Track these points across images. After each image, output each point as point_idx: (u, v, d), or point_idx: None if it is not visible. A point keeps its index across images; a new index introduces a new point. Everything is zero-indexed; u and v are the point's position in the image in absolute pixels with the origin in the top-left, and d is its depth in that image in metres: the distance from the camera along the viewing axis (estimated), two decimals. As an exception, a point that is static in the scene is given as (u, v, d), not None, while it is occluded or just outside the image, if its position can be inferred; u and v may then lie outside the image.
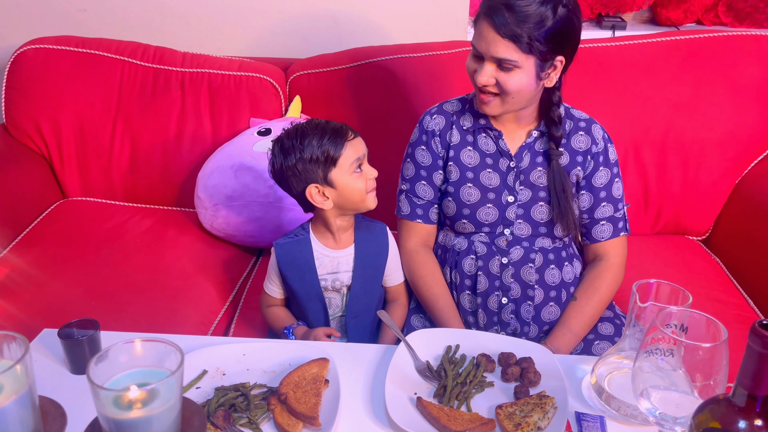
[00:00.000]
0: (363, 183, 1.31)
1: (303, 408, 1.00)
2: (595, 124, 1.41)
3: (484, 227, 1.40)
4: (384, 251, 1.41)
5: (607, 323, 1.42)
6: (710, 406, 0.75)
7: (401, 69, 1.97)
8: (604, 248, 1.43)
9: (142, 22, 2.24)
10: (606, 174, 1.40)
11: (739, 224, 1.87)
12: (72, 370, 1.12)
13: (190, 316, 1.57)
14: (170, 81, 2.03)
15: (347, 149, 1.29)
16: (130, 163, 2.04)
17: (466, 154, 1.41)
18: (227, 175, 1.82)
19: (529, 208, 1.39)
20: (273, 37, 2.26)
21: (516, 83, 1.25)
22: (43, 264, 1.72)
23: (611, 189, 1.41)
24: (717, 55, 1.88)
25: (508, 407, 1.03)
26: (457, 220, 1.42)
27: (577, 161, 1.39)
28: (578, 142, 1.39)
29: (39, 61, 2.03)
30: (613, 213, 1.41)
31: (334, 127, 1.30)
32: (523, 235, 1.40)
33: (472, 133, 1.42)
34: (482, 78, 1.26)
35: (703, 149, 1.88)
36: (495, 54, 1.23)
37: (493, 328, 1.41)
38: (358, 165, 1.30)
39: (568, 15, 1.23)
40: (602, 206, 1.41)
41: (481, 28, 1.24)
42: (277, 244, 1.38)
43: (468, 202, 1.40)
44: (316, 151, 1.28)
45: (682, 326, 0.91)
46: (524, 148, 1.39)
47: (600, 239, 1.43)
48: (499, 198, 1.39)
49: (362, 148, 1.32)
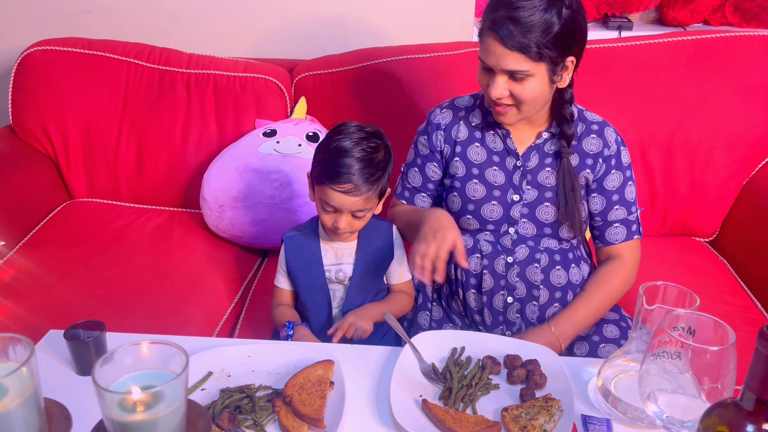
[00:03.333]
0: (328, 221, 1.30)
1: (308, 410, 1.00)
2: (608, 127, 1.40)
3: (489, 224, 1.40)
4: (388, 247, 1.41)
5: (612, 326, 1.41)
6: (718, 410, 0.74)
7: (406, 70, 1.97)
8: (618, 250, 1.43)
9: (148, 24, 2.25)
10: (619, 177, 1.39)
11: (747, 226, 1.86)
12: (78, 372, 1.12)
13: (195, 317, 1.57)
14: (176, 82, 2.04)
15: (328, 190, 1.26)
16: (136, 164, 2.05)
17: (473, 151, 1.41)
18: (233, 176, 1.82)
19: (534, 207, 1.38)
20: (278, 39, 2.26)
21: (530, 92, 1.25)
22: (50, 265, 1.73)
23: (624, 192, 1.40)
24: (724, 56, 1.87)
25: (513, 410, 1.03)
26: (462, 215, 1.42)
27: (587, 164, 1.38)
28: (589, 144, 1.38)
29: (45, 63, 2.04)
30: (627, 216, 1.41)
31: (360, 167, 1.25)
32: (527, 234, 1.39)
33: (480, 130, 1.42)
34: (496, 92, 1.25)
35: (711, 150, 1.87)
36: (505, 67, 1.22)
37: (498, 327, 1.40)
38: (329, 210, 1.29)
39: (573, 15, 1.22)
40: (615, 209, 1.40)
41: (487, 42, 1.23)
42: (286, 236, 1.40)
43: (473, 198, 1.40)
44: (324, 155, 1.27)
45: (690, 329, 0.90)
46: (533, 149, 1.39)
47: (614, 242, 1.42)
48: (504, 196, 1.39)
49: (347, 204, 1.26)
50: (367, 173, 1.26)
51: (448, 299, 1.47)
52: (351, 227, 1.31)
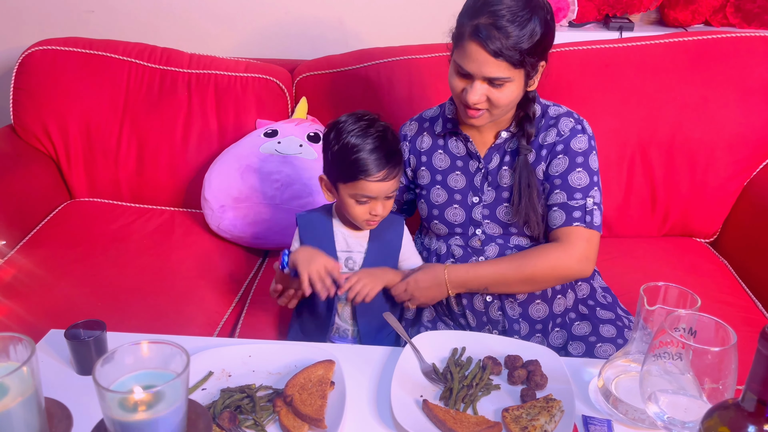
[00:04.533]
0: (363, 213, 1.31)
1: (308, 410, 1.00)
2: (566, 117, 1.37)
3: (456, 228, 1.42)
4: (398, 239, 1.42)
5: (609, 325, 1.40)
6: (719, 411, 0.74)
7: (407, 70, 1.97)
8: (556, 235, 1.35)
9: (148, 24, 2.25)
10: (564, 161, 1.35)
11: (748, 227, 1.85)
12: (78, 371, 1.12)
13: (196, 317, 1.57)
14: (177, 82, 2.04)
15: (364, 183, 1.26)
16: (136, 164, 2.05)
17: (437, 158, 1.44)
18: (234, 176, 1.82)
19: (494, 208, 1.39)
20: (279, 39, 2.26)
21: (507, 96, 1.26)
22: (50, 264, 1.73)
23: (568, 177, 1.35)
24: (725, 57, 1.87)
25: (514, 410, 1.03)
26: (430, 221, 1.45)
27: (542, 156, 1.37)
28: (547, 137, 1.37)
29: (47, 63, 2.04)
30: (567, 200, 1.35)
31: (383, 154, 1.26)
32: (494, 233, 1.41)
33: (443, 138, 1.44)
34: (473, 97, 1.25)
35: (711, 151, 1.86)
36: (487, 74, 1.22)
37: (485, 327, 1.40)
38: (364, 201, 1.29)
39: (549, 22, 1.23)
40: (555, 193, 1.35)
41: (469, 49, 1.22)
42: (300, 215, 1.40)
43: (436, 203, 1.43)
44: (346, 155, 1.26)
45: (691, 330, 0.90)
46: (493, 150, 1.39)
47: (552, 227, 1.36)
48: (465, 199, 1.41)
49: (383, 190, 1.28)
50: (390, 157, 1.28)
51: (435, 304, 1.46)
52: (386, 210, 1.32)
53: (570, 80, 1.89)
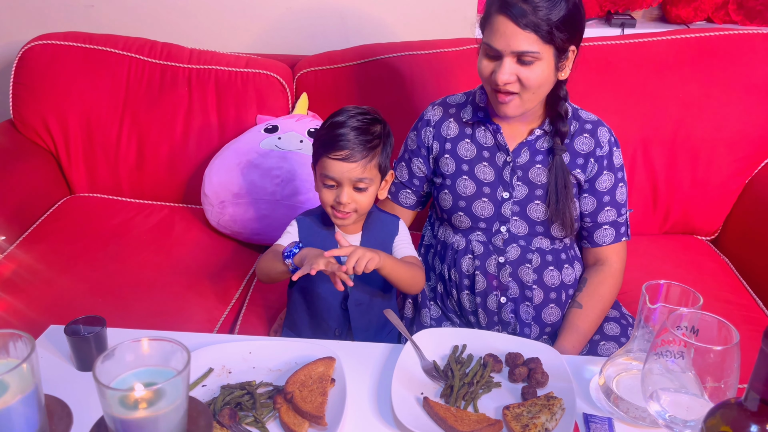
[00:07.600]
0: (328, 198, 1.26)
1: (309, 407, 1.00)
2: (602, 126, 1.38)
3: (480, 222, 1.39)
4: (390, 240, 1.37)
5: (613, 323, 1.41)
6: (721, 410, 0.74)
7: (408, 66, 1.96)
8: (605, 253, 1.42)
9: (149, 19, 2.24)
10: (610, 178, 1.38)
11: (749, 224, 1.85)
12: (78, 367, 1.12)
13: (196, 314, 1.57)
14: (177, 77, 2.03)
15: (326, 160, 1.23)
16: (137, 159, 2.04)
17: (463, 147, 1.41)
18: (234, 172, 1.82)
19: (525, 205, 1.37)
20: (280, 34, 2.26)
21: (538, 76, 1.23)
22: (50, 260, 1.73)
23: (615, 193, 1.39)
24: (727, 54, 1.86)
25: (515, 408, 1.02)
26: (454, 212, 1.41)
27: (577, 163, 1.37)
28: (581, 144, 1.37)
29: (46, 57, 2.03)
30: (616, 218, 1.40)
31: (354, 135, 1.22)
32: (519, 233, 1.39)
33: (471, 126, 1.41)
34: (503, 75, 1.23)
35: (713, 148, 1.86)
36: (516, 48, 1.21)
37: (494, 327, 1.40)
38: (330, 183, 1.25)
39: (578, 4, 1.23)
40: (606, 210, 1.39)
41: (497, 23, 1.21)
42: (299, 218, 1.36)
43: (463, 194, 1.39)
44: (320, 132, 1.25)
45: (693, 328, 0.90)
46: (524, 145, 1.38)
47: (601, 243, 1.41)
48: (494, 193, 1.38)
49: (346, 173, 1.22)
50: (362, 139, 1.23)
51: (443, 299, 1.46)
52: (354, 203, 1.26)
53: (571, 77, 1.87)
